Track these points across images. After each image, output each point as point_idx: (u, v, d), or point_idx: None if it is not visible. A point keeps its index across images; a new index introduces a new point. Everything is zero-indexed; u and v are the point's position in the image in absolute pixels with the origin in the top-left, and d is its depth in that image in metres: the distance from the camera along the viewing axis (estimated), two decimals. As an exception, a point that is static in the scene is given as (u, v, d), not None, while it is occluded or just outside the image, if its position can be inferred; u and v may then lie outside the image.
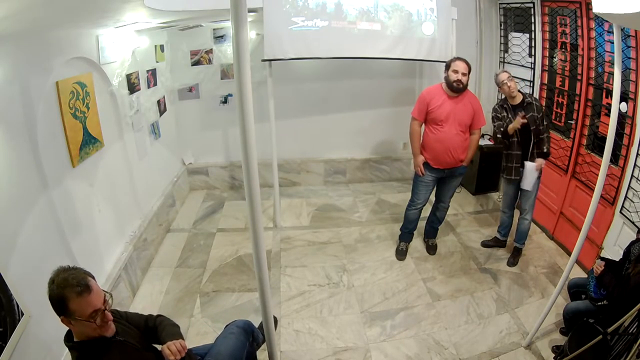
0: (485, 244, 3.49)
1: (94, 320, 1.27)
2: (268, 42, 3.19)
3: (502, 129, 2.95)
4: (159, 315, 1.71)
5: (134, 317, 1.62)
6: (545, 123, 2.88)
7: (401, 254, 3.34)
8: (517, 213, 3.29)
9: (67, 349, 2.03)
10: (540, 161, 2.94)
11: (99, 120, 2.60)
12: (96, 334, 1.31)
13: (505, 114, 2.93)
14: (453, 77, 2.79)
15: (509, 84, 2.84)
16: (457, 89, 2.81)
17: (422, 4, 3.44)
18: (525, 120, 2.81)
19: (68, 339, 1.35)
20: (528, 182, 2.99)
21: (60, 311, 1.26)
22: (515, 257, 3.22)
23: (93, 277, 1.32)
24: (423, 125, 3.02)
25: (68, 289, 1.24)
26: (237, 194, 4.56)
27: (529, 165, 3.00)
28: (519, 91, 2.92)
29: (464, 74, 2.78)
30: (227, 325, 1.92)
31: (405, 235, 3.39)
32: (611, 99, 2.27)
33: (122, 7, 1.98)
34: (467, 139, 2.96)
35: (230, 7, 1.03)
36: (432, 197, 3.32)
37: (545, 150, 2.91)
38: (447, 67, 2.87)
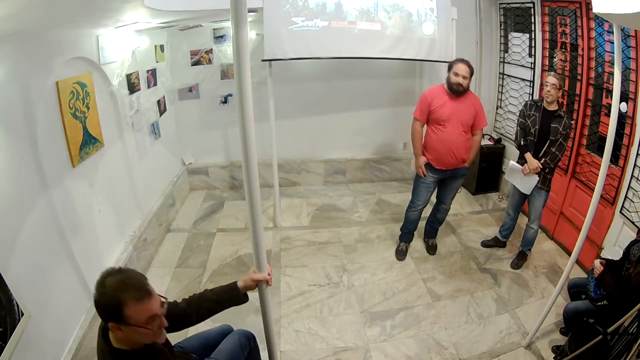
0: (485, 244, 3.49)
1: (151, 327, 1.16)
2: (268, 42, 3.19)
3: (518, 144, 2.98)
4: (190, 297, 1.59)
5: (173, 310, 1.43)
6: (564, 145, 2.77)
7: (401, 254, 3.34)
8: (524, 218, 3.28)
9: (67, 348, 2.06)
10: (526, 167, 2.88)
11: (99, 120, 2.60)
12: (149, 340, 1.20)
13: (533, 112, 2.87)
14: (453, 79, 2.77)
15: (548, 88, 2.74)
16: (456, 91, 2.80)
17: (422, 4, 3.44)
18: (539, 168, 2.84)
19: (106, 339, 1.21)
20: (523, 184, 2.97)
21: (112, 317, 1.13)
22: (520, 259, 3.21)
23: (147, 279, 1.22)
24: (425, 125, 3.02)
25: (126, 294, 1.12)
26: (237, 194, 4.56)
27: (512, 164, 3.01)
28: (557, 102, 2.81)
29: (464, 77, 2.75)
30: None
31: (405, 236, 3.38)
32: (611, 99, 2.27)
33: (122, 7, 1.98)
34: (469, 139, 2.94)
35: (230, 7, 1.03)
36: (433, 198, 3.30)
37: (548, 161, 2.81)
38: (449, 67, 2.84)
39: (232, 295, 1.57)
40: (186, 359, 1.57)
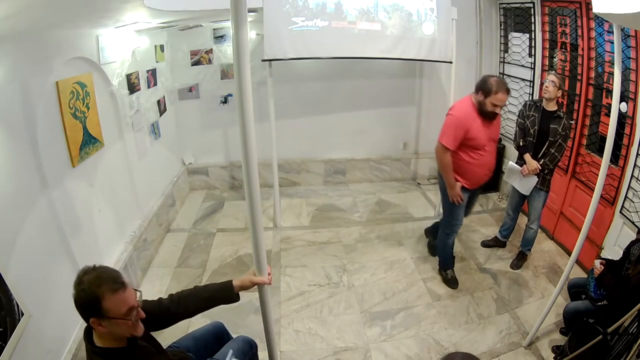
0: (485, 244, 3.49)
1: (129, 319, 1.20)
2: (268, 42, 3.19)
3: (517, 145, 2.95)
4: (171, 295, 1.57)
5: (146, 306, 1.42)
6: (563, 146, 2.76)
7: (454, 282, 2.99)
8: (524, 218, 3.28)
9: (67, 348, 2.06)
10: (525, 168, 2.85)
11: (99, 120, 2.60)
12: (128, 333, 1.24)
13: (533, 112, 2.85)
14: (490, 108, 2.45)
15: (547, 84, 2.73)
16: (490, 118, 2.54)
17: (422, 4, 3.44)
18: (538, 169, 2.81)
19: (89, 340, 1.25)
20: (522, 185, 2.96)
21: (92, 312, 1.17)
22: (519, 260, 3.21)
23: (120, 273, 1.26)
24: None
25: (103, 287, 1.16)
26: (237, 194, 4.56)
27: (511, 165, 2.99)
28: (557, 102, 2.80)
29: (502, 107, 2.51)
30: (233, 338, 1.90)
31: (449, 262, 3.05)
32: (611, 99, 2.27)
33: (122, 7, 1.98)
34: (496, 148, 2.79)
35: (230, 7, 1.03)
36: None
37: (547, 162, 2.79)
38: (486, 92, 2.44)
39: (225, 295, 1.57)
40: (182, 357, 1.57)
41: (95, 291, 1.15)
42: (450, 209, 2.80)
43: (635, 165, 2.63)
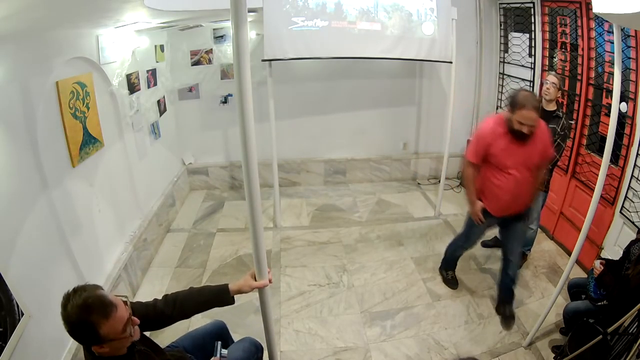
0: (485, 244, 3.49)
1: (127, 334, 1.18)
2: (268, 42, 3.19)
3: None
4: (165, 296, 1.56)
5: (140, 309, 1.43)
6: (562, 145, 2.70)
7: (453, 283, 3.01)
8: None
9: (67, 349, 2.06)
10: None
11: (99, 120, 2.60)
12: (128, 343, 1.23)
13: None
14: (517, 126, 2.22)
15: (547, 86, 2.70)
16: (522, 138, 2.27)
17: (422, 4, 3.44)
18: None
19: (89, 350, 1.22)
20: None
21: (91, 342, 1.13)
22: (519, 260, 3.20)
23: (102, 288, 1.20)
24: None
25: (94, 316, 1.10)
26: (237, 194, 4.56)
27: None
28: (557, 102, 2.76)
29: (532, 126, 2.20)
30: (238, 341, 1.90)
31: (450, 265, 3.05)
32: (611, 99, 2.27)
33: (122, 7, 1.98)
34: (536, 178, 2.43)
35: (230, 7, 1.03)
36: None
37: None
38: (513, 107, 2.23)
39: (220, 298, 1.56)
40: (180, 357, 1.57)
41: (87, 321, 1.10)
42: (468, 225, 2.71)
43: (635, 165, 2.63)
